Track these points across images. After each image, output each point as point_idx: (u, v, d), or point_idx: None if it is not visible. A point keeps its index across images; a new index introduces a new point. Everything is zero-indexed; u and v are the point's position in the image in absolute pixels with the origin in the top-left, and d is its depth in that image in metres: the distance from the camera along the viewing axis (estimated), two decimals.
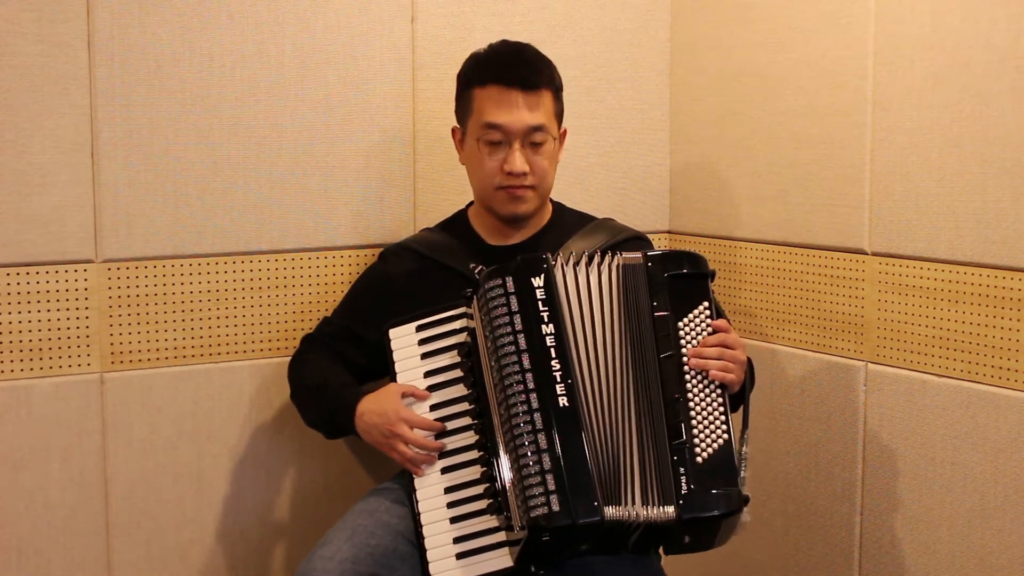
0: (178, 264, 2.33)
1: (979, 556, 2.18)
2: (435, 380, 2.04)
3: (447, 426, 2.01)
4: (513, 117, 2.12)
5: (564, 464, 1.84)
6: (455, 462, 2.00)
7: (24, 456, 2.23)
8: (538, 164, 2.15)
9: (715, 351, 1.95)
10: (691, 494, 1.86)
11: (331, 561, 1.95)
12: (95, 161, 2.24)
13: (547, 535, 1.83)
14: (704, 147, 2.72)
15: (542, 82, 2.16)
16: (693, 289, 1.99)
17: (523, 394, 1.88)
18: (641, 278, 1.98)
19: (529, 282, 1.94)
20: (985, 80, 2.11)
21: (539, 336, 1.91)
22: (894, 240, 2.30)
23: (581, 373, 1.93)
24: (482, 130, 2.15)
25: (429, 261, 2.24)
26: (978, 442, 2.17)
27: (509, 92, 2.13)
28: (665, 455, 1.88)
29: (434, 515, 1.99)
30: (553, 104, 2.19)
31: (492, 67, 2.17)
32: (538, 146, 2.15)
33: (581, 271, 1.99)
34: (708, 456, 1.89)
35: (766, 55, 2.53)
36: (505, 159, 2.14)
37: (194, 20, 2.30)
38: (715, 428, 1.91)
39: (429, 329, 2.06)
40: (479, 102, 2.16)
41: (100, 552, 2.31)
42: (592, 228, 2.28)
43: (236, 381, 2.40)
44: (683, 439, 1.89)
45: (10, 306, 2.19)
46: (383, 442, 2.04)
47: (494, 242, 2.25)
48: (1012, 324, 2.10)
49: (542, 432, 1.86)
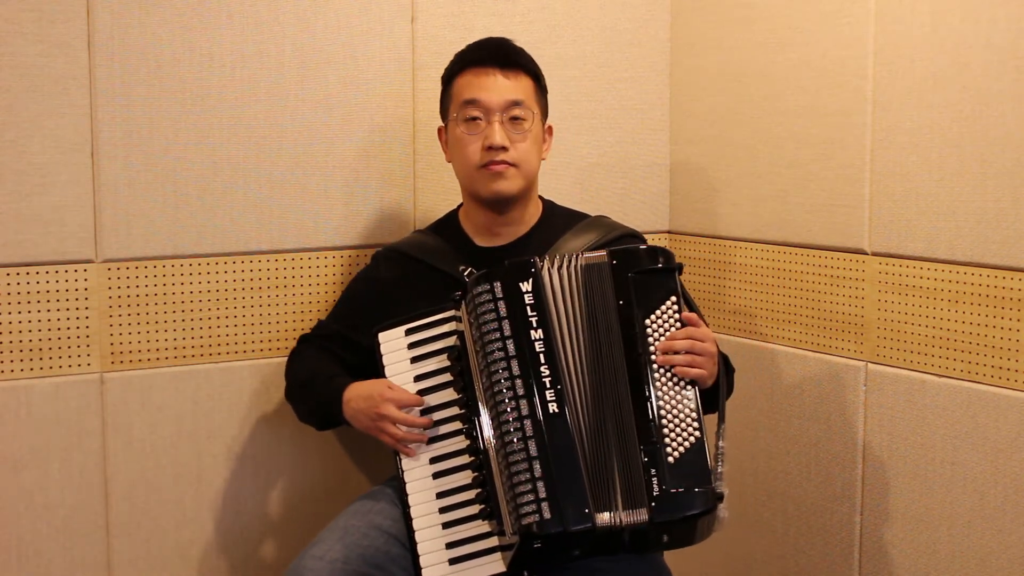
0: (178, 264, 2.33)
1: (979, 556, 2.18)
2: (425, 384, 2.04)
3: (439, 431, 2.01)
4: (491, 92, 2.13)
5: (555, 471, 1.83)
6: (446, 467, 2.00)
7: (24, 456, 2.23)
8: (518, 140, 2.14)
9: (683, 344, 1.91)
10: (663, 495, 1.83)
11: (321, 561, 1.95)
12: (95, 161, 2.24)
13: (538, 542, 1.82)
14: (704, 147, 2.72)
15: (520, 63, 2.18)
16: (661, 284, 1.94)
17: (513, 400, 1.87)
18: (607, 277, 1.94)
19: (517, 287, 1.93)
20: (985, 80, 2.11)
21: (528, 341, 1.90)
22: (894, 240, 2.30)
23: (570, 378, 1.91)
24: (461, 108, 2.15)
25: (419, 264, 2.23)
26: (978, 442, 2.17)
27: (486, 70, 2.15)
28: (636, 457, 1.86)
29: (426, 520, 1.99)
30: (534, 89, 2.19)
31: (469, 55, 2.20)
32: (518, 122, 2.14)
33: (565, 273, 1.96)
34: (680, 455, 1.86)
35: (766, 55, 2.53)
36: (485, 135, 2.13)
37: (194, 20, 2.30)
38: (686, 427, 1.88)
39: (418, 333, 2.05)
40: (457, 88, 2.18)
41: (100, 552, 2.31)
42: (584, 226, 2.26)
43: (236, 381, 2.40)
44: (654, 439, 1.86)
45: (10, 306, 2.19)
46: (371, 426, 2.04)
47: (483, 243, 2.24)
48: (1012, 324, 2.10)
49: (532, 439, 1.85)
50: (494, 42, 2.22)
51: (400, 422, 2.00)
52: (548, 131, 2.26)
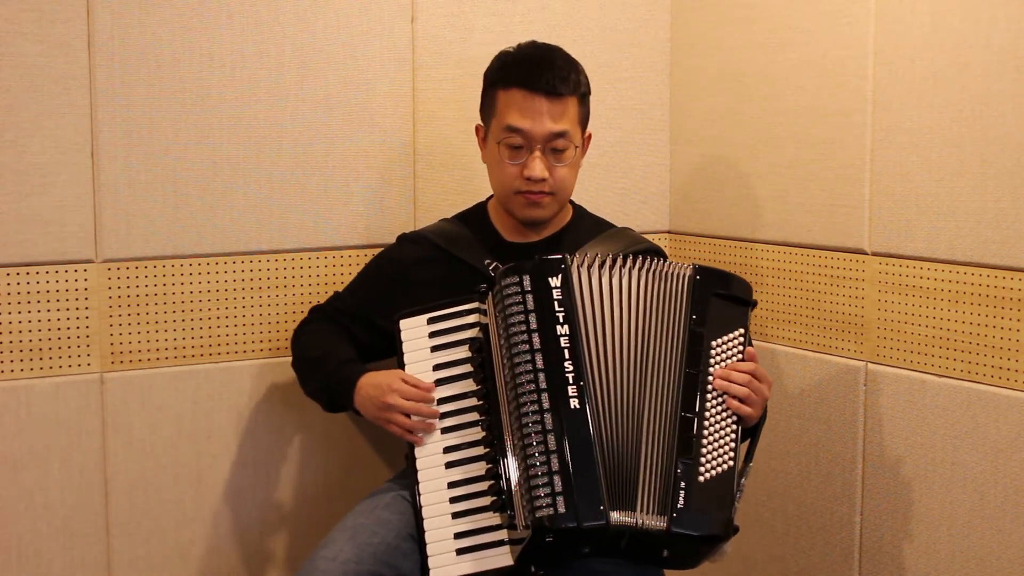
0: (178, 264, 2.33)
1: (979, 556, 2.18)
2: (444, 374, 2.03)
3: (453, 422, 2.01)
4: (535, 123, 2.10)
5: (572, 466, 1.83)
6: (460, 457, 2.00)
7: (24, 456, 2.23)
8: (558, 171, 2.14)
9: (743, 377, 1.94)
10: (686, 510, 1.85)
11: (333, 562, 1.94)
12: (95, 161, 2.24)
13: (551, 536, 1.82)
14: (704, 147, 2.72)
15: (568, 89, 2.12)
16: (734, 313, 1.99)
17: (535, 393, 1.87)
18: (685, 288, 1.97)
19: (546, 282, 1.94)
20: (985, 80, 2.11)
21: (554, 336, 1.91)
22: (894, 240, 2.30)
23: (594, 376, 1.92)
24: (503, 133, 2.13)
25: (445, 252, 2.23)
26: (978, 442, 2.17)
27: (533, 98, 2.10)
28: (670, 467, 1.88)
29: (436, 509, 1.98)
30: (578, 111, 2.16)
31: (518, 70, 2.14)
32: (559, 153, 2.13)
33: (605, 273, 1.98)
34: (710, 478, 1.88)
35: (766, 55, 2.53)
36: (525, 164, 2.12)
37: (194, 20, 2.30)
38: (723, 453, 1.91)
39: (441, 322, 2.05)
40: (502, 104, 2.14)
41: (100, 552, 2.31)
42: (610, 235, 2.27)
43: (236, 381, 2.40)
44: (691, 455, 1.88)
45: (10, 306, 2.19)
46: (379, 415, 2.04)
47: (512, 239, 2.25)
48: (1012, 324, 2.10)
49: (552, 433, 1.85)
50: (544, 61, 2.14)
51: (407, 411, 2.00)
52: (586, 140, 2.24)
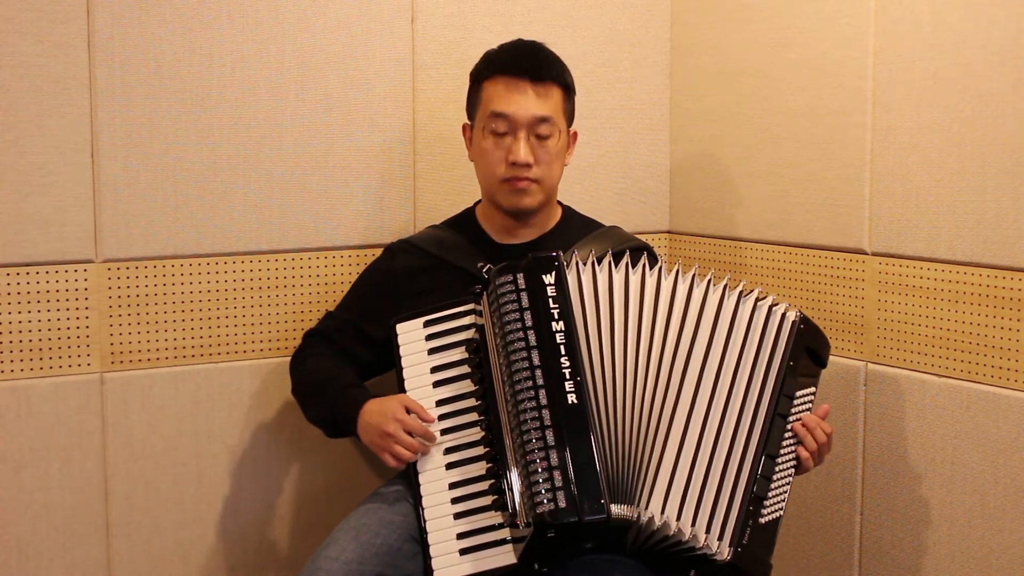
0: (178, 264, 2.33)
1: (979, 556, 2.18)
2: (442, 376, 2.04)
3: (453, 423, 2.01)
4: (519, 106, 2.13)
5: (571, 461, 1.83)
6: (460, 458, 2.00)
7: (24, 456, 2.23)
8: (543, 157, 2.15)
9: (821, 436, 2.00)
10: (749, 546, 1.89)
11: (336, 562, 1.94)
12: (95, 161, 2.24)
13: (552, 531, 1.82)
14: (704, 147, 2.72)
15: (552, 75, 2.17)
16: (811, 372, 2.05)
17: (532, 390, 1.88)
18: (787, 333, 2.01)
19: (541, 279, 1.95)
20: (985, 80, 2.11)
21: (549, 333, 1.91)
22: (894, 240, 2.30)
23: (592, 371, 1.92)
24: (488, 119, 2.16)
25: (436, 259, 2.24)
26: (978, 442, 2.17)
27: (517, 82, 2.14)
28: (744, 501, 1.91)
29: (438, 510, 1.98)
30: (563, 101, 2.19)
31: (502, 60, 2.19)
32: (544, 139, 2.15)
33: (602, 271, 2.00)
34: (767, 522, 1.93)
35: (766, 55, 2.53)
36: (509, 149, 2.14)
37: (194, 20, 2.30)
38: (781, 499, 1.97)
39: (437, 324, 2.06)
40: (487, 95, 2.18)
41: (100, 552, 2.31)
42: (599, 235, 2.29)
43: (236, 381, 2.40)
44: (764, 496, 1.93)
45: (10, 306, 2.19)
46: (379, 443, 2.03)
47: (503, 241, 2.26)
48: (1012, 324, 2.10)
49: (550, 429, 1.85)
50: (528, 50, 2.20)
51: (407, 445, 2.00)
52: (573, 137, 2.27)
